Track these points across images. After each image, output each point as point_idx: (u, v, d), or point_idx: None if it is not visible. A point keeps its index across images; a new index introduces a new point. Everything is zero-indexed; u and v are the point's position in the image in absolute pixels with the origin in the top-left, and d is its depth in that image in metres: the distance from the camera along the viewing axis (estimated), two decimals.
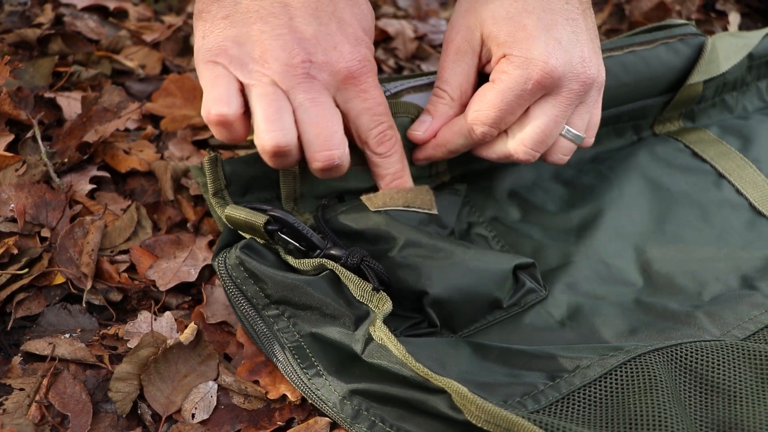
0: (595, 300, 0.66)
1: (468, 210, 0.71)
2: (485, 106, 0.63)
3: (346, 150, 0.61)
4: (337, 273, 0.58)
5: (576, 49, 0.63)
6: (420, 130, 0.67)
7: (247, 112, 0.59)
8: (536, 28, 0.62)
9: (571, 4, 0.64)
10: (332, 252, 0.60)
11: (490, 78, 0.64)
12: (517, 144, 0.65)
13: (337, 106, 0.61)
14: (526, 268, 0.65)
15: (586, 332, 0.63)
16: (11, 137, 0.78)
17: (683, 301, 0.66)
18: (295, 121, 0.59)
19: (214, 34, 0.58)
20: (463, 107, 0.67)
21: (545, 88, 0.62)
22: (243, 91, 0.59)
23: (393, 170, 0.66)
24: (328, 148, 0.59)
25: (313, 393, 0.56)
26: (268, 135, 0.58)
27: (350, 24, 0.60)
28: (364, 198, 0.65)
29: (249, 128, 0.60)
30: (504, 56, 0.62)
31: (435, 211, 0.67)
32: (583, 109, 0.66)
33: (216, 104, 0.58)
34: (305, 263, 0.60)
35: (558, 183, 0.78)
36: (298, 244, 0.62)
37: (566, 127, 0.66)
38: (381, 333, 0.54)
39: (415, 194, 0.66)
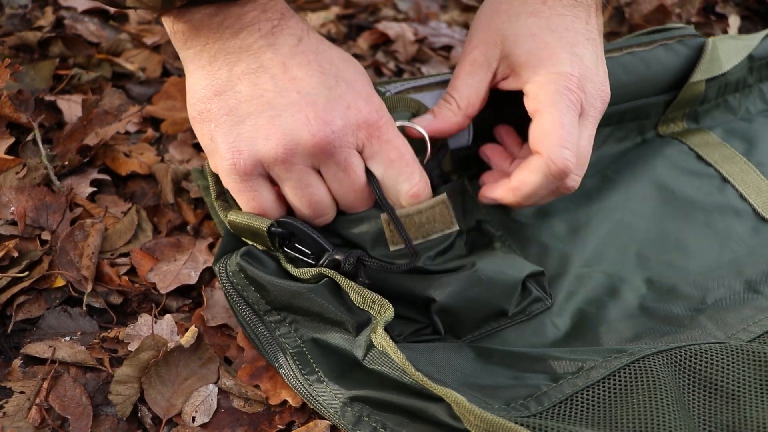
0: (599, 306, 0.66)
1: (477, 208, 0.71)
2: (551, 130, 0.60)
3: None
4: (337, 281, 0.58)
5: (599, 68, 0.63)
6: (420, 125, 0.65)
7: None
8: (559, 45, 0.61)
9: (590, 25, 0.64)
10: (336, 257, 0.60)
11: (530, 111, 0.62)
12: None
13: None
14: (534, 276, 0.65)
15: (589, 338, 0.63)
16: (12, 140, 0.78)
17: (687, 305, 0.66)
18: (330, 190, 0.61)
19: (223, 138, 0.58)
20: (468, 119, 0.66)
21: (581, 100, 0.61)
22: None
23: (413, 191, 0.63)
24: (358, 208, 0.62)
25: (315, 399, 0.56)
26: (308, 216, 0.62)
27: (356, 81, 0.60)
28: (387, 236, 0.63)
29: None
30: (528, 82, 0.62)
31: (456, 227, 0.66)
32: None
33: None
34: (305, 272, 0.60)
35: None
36: (302, 248, 0.61)
37: None
38: (382, 340, 0.53)
39: (435, 216, 0.64)
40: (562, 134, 0.59)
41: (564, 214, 0.74)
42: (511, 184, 0.63)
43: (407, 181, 0.61)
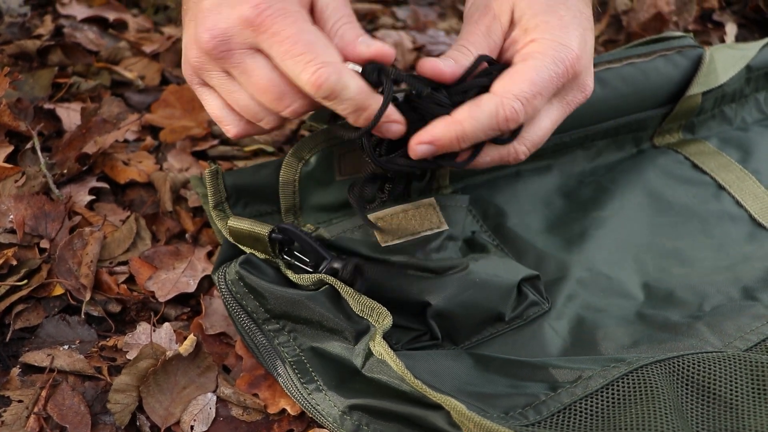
0: (597, 312, 0.66)
1: (471, 219, 0.71)
2: (519, 79, 0.57)
3: (304, 97, 0.57)
4: (337, 288, 0.58)
5: (592, 62, 0.63)
6: (444, 65, 0.58)
7: None
8: (572, 22, 0.60)
9: (591, 20, 0.63)
10: (335, 265, 0.60)
11: (518, 58, 0.59)
12: (521, 144, 0.61)
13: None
14: (530, 280, 0.65)
15: (587, 344, 0.63)
16: (11, 148, 0.78)
17: (684, 312, 0.66)
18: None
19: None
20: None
21: (568, 80, 0.59)
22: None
23: (352, 106, 0.56)
24: (285, 106, 0.57)
25: (313, 408, 0.56)
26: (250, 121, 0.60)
27: None
28: (376, 232, 0.63)
29: None
30: (533, 40, 0.59)
31: (446, 227, 0.66)
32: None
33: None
34: (305, 278, 0.60)
35: (559, 194, 0.78)
36: (302, 256, 0.61)
37: None
38: (380, 348, 0.53)
39: (422, 215, 0.65)
40: (524, 88, 0.57)
41: (560, 223, 0.74)
42: (454, 117, 0.57)
43: (304, 71, 0.53)
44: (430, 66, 0.58)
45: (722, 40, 1.31)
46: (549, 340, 0.63)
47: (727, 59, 0.84)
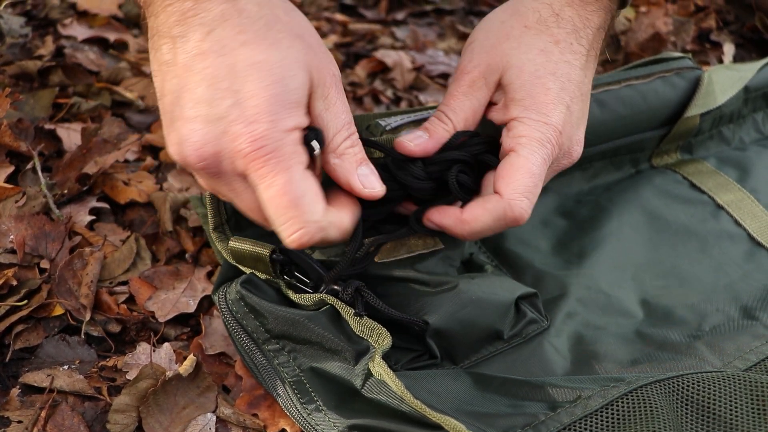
0: (596, 330, 0.66)
1: (470, 241, 0.71)
2: (518, 175, 0.58)
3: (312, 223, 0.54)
4: (338, 308, 0.58)
5: (580, 128, 0.63)
6: (413, 142, 0.61)
7: None
8: (558, 95, 0.60)
9: (588, 78, 0.63)
10: (335, 287, 0.60)
11: (506, 146, 0.60)
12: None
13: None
14: (528, 297, 0.65)
15: (587, 362, 0.63)
16: (11, 168, 0.79)
17: (683, 332, 0.66)
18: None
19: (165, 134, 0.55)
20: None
21: (556, 155, 0.60)
22: None
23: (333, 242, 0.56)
24: (277, 227, 0.54)
25: (313, 428, 0.55)
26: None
27: (252, 96, 0.50)
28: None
29: None
30: (517, 119, 0.60)
31: (441, 246, 0.66)
32: None
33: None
34: (306, 298, 0.60)
35: (557, 214, 0.78)
36: (302, 276, 0.62)
37: None
38: (380, 368, 0.54)
39: (417, 237, 0.66)
40: (528, 184, 0.58)
41: (558, 242, 0.74)
42: (462, 216, 0.60)
43: (284, 226, 0.52)
44: (399, 146, 0.61)
45: (720, 60, 1.32)
46: (549, 357, 0.63)
47: (725, 80, 0.84)
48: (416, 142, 0.61)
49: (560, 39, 0.62)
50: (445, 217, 0.61)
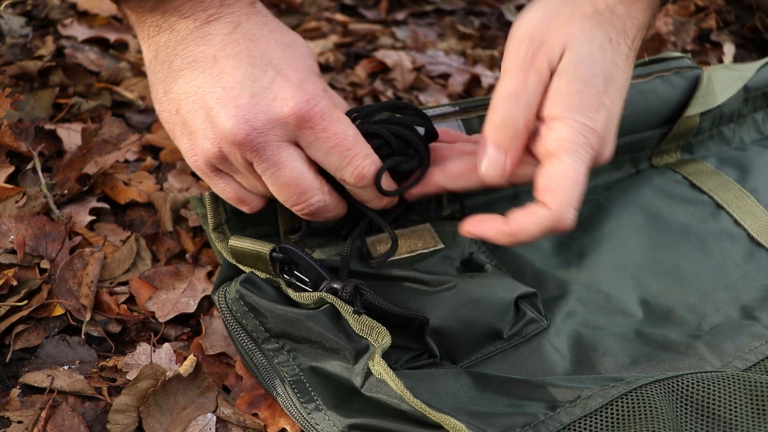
0: (596, 330, 0.66)
1: (469, 240, 0.71)
2: (565, 186, 0.55)
3: (324, 192, 0.60)
4: (337, 307, 0.59)
5: (614, 131, 0.60)
6: (496, 172, 0.59)
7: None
8: (601, 98, 0.57)
9: (627, 82, 0.61)
10: (334, 285, 0.60)
11: (546, 147, 0.57)
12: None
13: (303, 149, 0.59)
14: (528, 297, 0.65)
15: (586, 363, 0.63)
16: (11, 169, 0.79)
17: (683, 332, 0.66)
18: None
19: (180, 141, 0.60)
20: (525, 140, 0.59)
21: (595, 159, 0.58)
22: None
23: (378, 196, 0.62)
24: (304, 201, 0.59)
25: (313, 427, 0.55)
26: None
27: (290, 67, 0.57)
28: (372, 250, 0.65)
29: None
30: (558, 118, 0.56)
31: (441, 245, 0.67)
32: None
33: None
34: (306, 296, 0.60)
35: None
36: (302, 276, 0.62)
37: None
38: (379, 367, 0.54)
39: (418, 237, 0.67)
40: (575, 193, 0.56)
41: (558, 242, 0.74)
42: (508, 229, 0.57)
43: (349, 165, 0.58)
44: (489, 180, 0.60)
45: (720, 60, 1.32)
46: (548, 356, 0.63)
47: (725, 80, 0.84)
48: (499, 170, 0.59)
49: (612, 38, 0.59)
50: (487, 228, 0.59)
